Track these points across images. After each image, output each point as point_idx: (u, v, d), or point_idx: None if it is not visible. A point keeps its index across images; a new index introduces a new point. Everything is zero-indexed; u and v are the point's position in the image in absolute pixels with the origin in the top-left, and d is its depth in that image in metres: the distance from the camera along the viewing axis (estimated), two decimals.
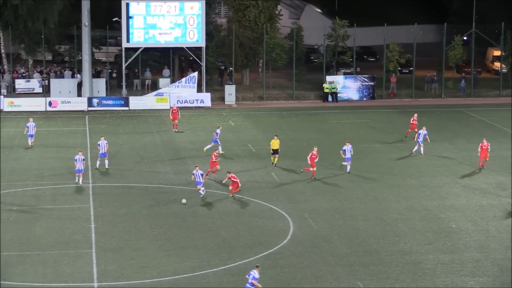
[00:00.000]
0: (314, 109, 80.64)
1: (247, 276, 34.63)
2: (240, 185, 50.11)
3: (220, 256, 40.90)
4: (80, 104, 78.71)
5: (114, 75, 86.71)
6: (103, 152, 56.18)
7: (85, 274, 38.58)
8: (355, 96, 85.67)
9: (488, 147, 56.77)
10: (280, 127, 71.97)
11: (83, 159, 52.70)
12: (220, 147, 60.45)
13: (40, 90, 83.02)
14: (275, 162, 57.62)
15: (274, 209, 48.13)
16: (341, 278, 38.46)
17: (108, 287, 37.11)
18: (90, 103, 78.74)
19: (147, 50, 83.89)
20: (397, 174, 54.46)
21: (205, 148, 61.07)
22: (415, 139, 61.96)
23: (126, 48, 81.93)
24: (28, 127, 62.73)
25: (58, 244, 42.40)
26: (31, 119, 63.93)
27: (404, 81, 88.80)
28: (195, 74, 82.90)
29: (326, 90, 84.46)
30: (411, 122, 65.06)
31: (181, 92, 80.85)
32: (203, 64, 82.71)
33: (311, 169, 54.58)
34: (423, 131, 60.58)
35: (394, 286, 37.61)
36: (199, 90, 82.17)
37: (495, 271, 39.26)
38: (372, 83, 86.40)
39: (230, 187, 50.17)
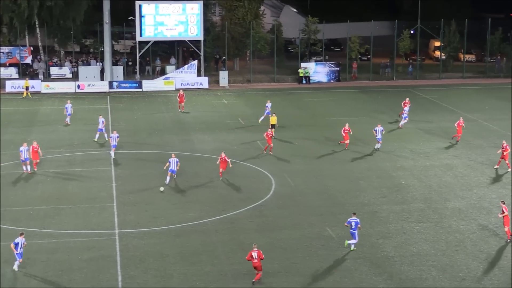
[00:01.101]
0: (292, 90, 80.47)
1: (346, 224, 35.41)
2: (229, 165, 46.33)
3: (217, 208, 40.98)
4: (103, 86, 78.30)
5: (130, 63, 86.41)
6: (101, 128, 55.33)
7: (108, 223, 38.65)
8: (324, 79, 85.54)
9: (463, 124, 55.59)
10: (264, 104, 71.73)
11: (117, 136, 51.00)
12: (262, 117, 60.90)
13: (70, 75, 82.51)
14: (272, 135, 55.03)
15: (260, 170, 48.15)
16: (314, 225, 38.60)
17: (127, 233, 37.18)
18: (110, 86, 78.35)
19: (156, 43, 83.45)
20: (359, 141, 54.48)
21: (259, 120, 61.43)
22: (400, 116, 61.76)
23: (139, 41, 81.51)
24: (66, 108, 61.90)
25: (86, 199, 42.39)
26: (68, 101, 63.30)
27: (363, 66, 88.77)
28: (195, 62, 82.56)
29: (301, 74, 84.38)
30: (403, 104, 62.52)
31: (184, 77, 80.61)
32: (202, 54, 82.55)
33: (345, 141, 53.07)
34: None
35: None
36: (199, 75, 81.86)
37: (436, 218, 39.50)
38: (338, 69, 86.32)
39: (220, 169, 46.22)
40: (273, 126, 56.99)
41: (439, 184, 45.70)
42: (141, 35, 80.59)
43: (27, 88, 74.61)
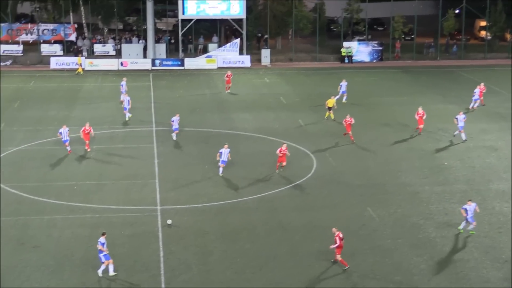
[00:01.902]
0: (333, 69, 79.99)
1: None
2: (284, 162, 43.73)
3: (257, 187, 41.08)
4: (145, 64, 78.72)
5: (172, 41, 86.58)
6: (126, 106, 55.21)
7: (150, 200, 39.01)
8: (366, 58, 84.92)
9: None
10: (306, 83, 71.70)
11: (178, 119, 49.86)
12: (338, 96, 60.13)
13: (113, 52, 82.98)
14: (332, 117, 54.85)
15: (301, 149, 48.10)
16: (354, 206, 38.52)
17: (168, 210, 37.50)
18: (153, 64, 78.73)
19: (199, 21, 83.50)
20: (400, 122, 53.98)
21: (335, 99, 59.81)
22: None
23: (182, 19, 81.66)
24: (122, 85, 61.51)
25: (128, 175, 42.80)
26: (124, 78, 62.92)
27: (406, 46, 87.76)
28: (237, 40, 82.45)
29: (343, 54, 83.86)
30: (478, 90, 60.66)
31: (226, 55, 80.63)
32: (244, 32, 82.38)
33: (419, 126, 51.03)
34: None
35: (397, 211, 37.66)
36: (241, 53, 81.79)
37: (478, 199, 39.03)
38: (381, 48, 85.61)
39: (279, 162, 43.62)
40: (330, 108, 55.70)
41: (482, 165, 45.20)
42: (183, 13, 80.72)
43: (80, 64, 75.39)
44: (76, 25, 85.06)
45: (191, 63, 79.36)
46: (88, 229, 34.91)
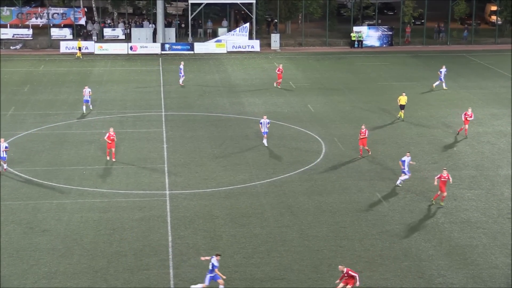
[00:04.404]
0: (343, 54, 79.70)
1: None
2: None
3: (266, 171, 41.05)
4: (155, 48, 78.59)
5: (182, 25, 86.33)
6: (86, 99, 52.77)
7: (159, 184, 39.04)
8: (376, 43, 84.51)
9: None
10: (315, 68, 71.48)
11: (268, 122, 45.38)
12: (444, 84, 59.88)
13: (123, 37, 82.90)
14: (402, 117, 51.28)
15: (310, 134, 48.01)
16: (363, 190, 38.46)
17: (177, 194, 37.52)
18: (162, 48, 78.58)
19: (208, 5, 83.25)
20: (410, 107, 53.67)
21: (434, 85, 60.56)
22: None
23: (191, 3, 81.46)
24: (180, 69, 61.90)
25: (138, 160, 42.83)
26: (182, 62, 63.33)
27: (417, 31, 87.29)
28: (247, 24, 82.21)
29: (353, 38, 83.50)
30: None
31: (236, 39, 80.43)
32: (254, 16, 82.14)
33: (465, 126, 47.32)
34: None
35: (406, 196, 37.57)
36: (250, 37, 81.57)
37: (487, 185, 38.97)
38: (391, 33, 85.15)
39: None
40: (402, 107, 51.41)
41: (491, 151, 45.02)
42: None
43: (79, 48, 75.37)
44: (85, 9, 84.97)
45: (200, 47, 79.20)
46: (97, 214, 34.98)
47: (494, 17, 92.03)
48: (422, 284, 28.60)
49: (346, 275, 27.11)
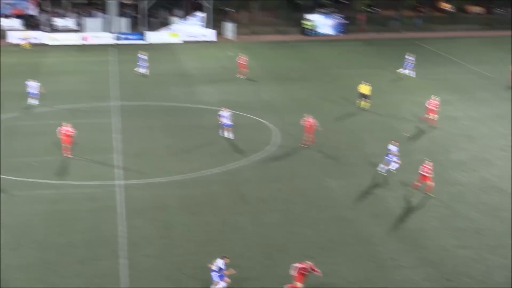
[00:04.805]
0: (298, 42, 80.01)
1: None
2: None
3: (219, 160, 41.06)
4: (108, 38, 78.04)
5: (135, 15, 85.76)
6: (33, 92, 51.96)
7: (112, 174, 38.75)
8: (331, 31, 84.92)
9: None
10: (270, 56, 71.64)
11: (229, 115, 44.87)
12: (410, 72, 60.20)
13: (75, 27, 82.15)
14: (363, 106, 50.94)
15: (263, 123, 48.13)
16: (315, 177, 38.72)
17: (130, 184, 37.37)
18: (115, 38, 78.06)
19: None
20: (363, 94, 53.98)
21: (401, 71, 60.95)
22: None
23: None
24: (139, 57, 62.36)
25: (90, 150, 42.44)
26: (142, 52, 63.24)
27: (371, 19, 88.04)
28: (200, 13, 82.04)
29: (306, 27, 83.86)
30: None
31: (190, 29, 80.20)
32: (208, 6, 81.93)
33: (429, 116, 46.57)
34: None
35: (358, 182, 37.88)
36: (205, 27, 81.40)
37: (438, 170, 39.30)
38: (345, 21, 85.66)
39: None
40: (363, 95, 51.16)
41: (442, 136, 45.64)
42: None
43: (26, 39, 74.42)
44: None
45: (154, 37, 78.79)
46: (48, 205, 34.68)
47: (446, 5, 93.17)
48: (373, 268, 28.96)
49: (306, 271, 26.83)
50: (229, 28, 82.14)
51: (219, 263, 27.14)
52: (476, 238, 31.70)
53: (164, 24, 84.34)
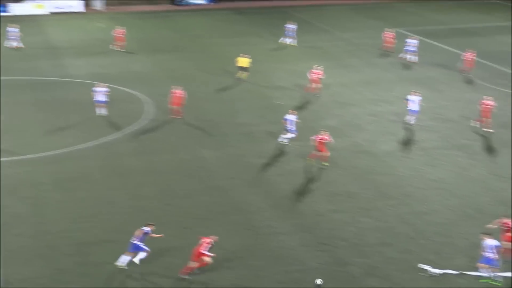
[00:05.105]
0: (168, 12, 79.14)
1: None
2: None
3: (92, 134, 40.29)
4: None
5: None
6: None
7: None
8: (201, 0, 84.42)
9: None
10: (140, 27, 70.57)
11: (107, 91, 43.46)
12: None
13: None
14: (243, 77, 50.56)
15: (136, 95, 47.52)
16: (190, 148, 38.63)
17: (1, 162, 36.20)
18: None
19: None
20: (232, 62, 54.05)
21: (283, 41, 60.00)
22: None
23: None
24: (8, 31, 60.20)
25: None
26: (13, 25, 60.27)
27: None
28: None
29: None
30: None
31: (56, 0, 77.74)
32: None
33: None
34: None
35: (233, 151, 38.11)
36: None
37: (309, 134, 39.89)
38: None
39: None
40: (242, 68, 50.78)
41: (315, 102, 46.43)
42: None
43: None
44: None
45: (18, 8, 75.91)
46: None
47: None
48: (250, 235, 29.26)
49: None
50: None
51: (145, 229, 26.91)
52: (349, 202, 32.59)
53: None
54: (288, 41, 61.89)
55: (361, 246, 28.78)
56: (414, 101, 42.27)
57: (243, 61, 51.06)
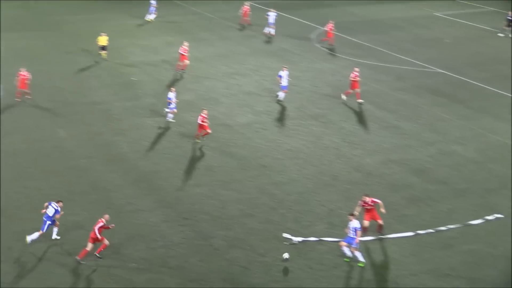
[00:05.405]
0: None
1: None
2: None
3: None
4: None
5: None
6: None
7: None
8: None
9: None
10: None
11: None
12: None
13: None
14: (103, 57, 49.18)
15: None
16: (45, 128, 37.73)
17: None
18: None
19: None
20: (86, 39, 52.80)
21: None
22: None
23: None
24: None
25: None
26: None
27: None
28: None
29: None
30: None
31: None
32: None
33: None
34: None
35: (89, 130, 37.55)
36: None
37: (164, 109, 39.82)
38: None
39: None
40: (103, 47, 49.44)
41: (168, 78, 46.31)
42: None
43: None
44: None
45: None
46: None
47: None
48: (112, 214, 28.90)
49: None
50: None
51: (54, 205, 26.81)
52: (209, 175, 32.93)
53: None
54: (152, 17, 61.08)
55: (223, 218, 29.21)
56: (283, 77, 42.68)
57: (102, 40, 49.84)
